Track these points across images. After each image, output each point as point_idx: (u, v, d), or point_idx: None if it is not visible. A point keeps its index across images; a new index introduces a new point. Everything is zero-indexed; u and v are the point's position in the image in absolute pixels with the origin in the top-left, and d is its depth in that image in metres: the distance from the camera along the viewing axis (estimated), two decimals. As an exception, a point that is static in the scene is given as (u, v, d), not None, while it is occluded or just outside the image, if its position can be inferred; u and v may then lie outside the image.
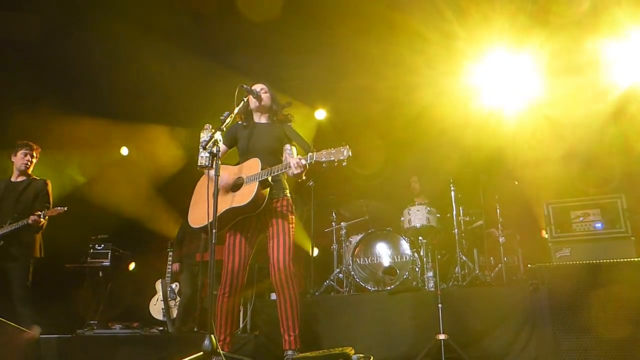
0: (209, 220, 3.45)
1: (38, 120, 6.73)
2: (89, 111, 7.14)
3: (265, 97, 4.10)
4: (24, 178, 5.22)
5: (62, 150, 7.20)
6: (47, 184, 5.25)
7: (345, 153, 3.48)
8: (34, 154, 5.25)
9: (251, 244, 3.98)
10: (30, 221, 4.86)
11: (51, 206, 5.15)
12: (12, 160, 5.25)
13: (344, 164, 3.49)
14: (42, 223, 4.96)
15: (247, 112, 4.13)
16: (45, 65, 6.57)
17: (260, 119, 4.16)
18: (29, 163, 5.20)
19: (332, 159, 3.51)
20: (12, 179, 5.21)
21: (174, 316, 6.77)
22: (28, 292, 4.94)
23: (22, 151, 5.19)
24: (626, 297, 3.86)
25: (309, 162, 3.60)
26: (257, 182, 3.74)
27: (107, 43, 6.22)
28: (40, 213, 4.87)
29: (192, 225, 4.00)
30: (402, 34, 5.98)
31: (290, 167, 3.66)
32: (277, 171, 3.74)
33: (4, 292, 4.90)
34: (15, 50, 6.27)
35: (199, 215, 3.97)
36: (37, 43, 6.20)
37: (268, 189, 3.84)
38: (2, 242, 4.90)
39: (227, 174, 3.93)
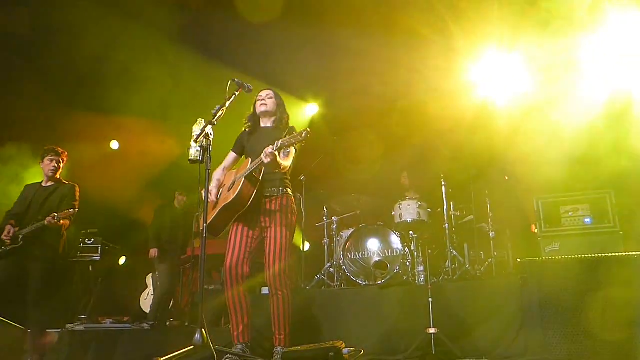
0: (204, 217, 3.56)
1: (26, 113, 6.68)
2: (79, 104, 7.09)
3: (270, 102, 4.18)
4: (53, 183, 5.29)
5: (51, 143, 7.14)
6: (74, 188, 5.31)
7: (304, 134, 3.57)
8: (60, 159, 5.31)
9: (254, 237, 4.02)
10: (45, 222, 4.90)
11: (77, 209, 5.21)
12: (41, 166, 5.32)
13: (303, 144, 3.66)
14: (60, 224, 5.02)
15: (254, 118, 4.25)
16: (34, 58, 6.51)
17: (266, 123, 4.24)
18: (55, 169, 5.26)
19: (293, 142, 3.62)
20: (43, 184, 5.29)
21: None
22: (42, 294, 4.95)
23: (48, 157, 5.26)
24: (614, 291, 3.89)
25: (275, 148, 3.66)
26: (243, 178, 3.81)
27: (98, 35, 6.17)
28: (55, 215, 4.91)
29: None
30: (396, 30, 5.99)
31: (261, 158, 3.71)
32: (254, 165, 3.80)
33: (23, 291, 4.92)
34: (4, 43, 6.20)
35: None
36: (27, 35, 6.14)
37: (256, 184, 3.89)
38: (21, 243, 4.93)
39: (230, 177, 4.10)
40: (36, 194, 5.20)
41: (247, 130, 4.28)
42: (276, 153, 3.68)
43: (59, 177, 5.33)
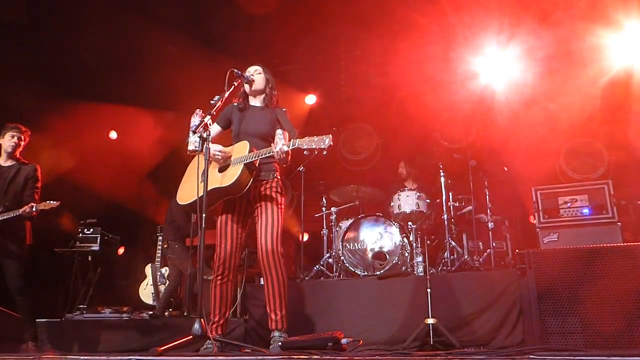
0: (198, 197, 3.52)
1: (25, 103, 6.64)
2: (78, 94, 7.07)
3: (258, 78, 4.09)
4: (13, 162, 5.11)
5: (50, 133, 7.14)
6: (36, 170, 5.15)
7: (326, 142, 3.50)
8: (23, 137, 5.11)
9: (243, 226, 4.01)
10: (20, 212, 4.80)
11: (40, 191, 5.10)
12: (0, 142, 5.12)
13: (325, 152, 3.53)
14: (34, 215, 4.92)
15: (243, 95, 4.13)
16: (33, 47, 6.48)
17: (254, 101, 4.16)
18: (16, 145, 5.07)
19: (312, 146, 3.54)
20: (1, 163, 5.10)
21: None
22: (26, 282, 4.92)
23: (9, 133, 5.07)
24: (612, 281, 3.92)
25: (290, 148, 3.62)
26: (242, 165, 3.77)
27: (97, 25, 6.15)
28: (33, 205, 4.81)
29: (178, 202, 4.03)
30: (394, 21, 5.98)
31: (273, 152, 3.68)
32: (261, 155, 3.77)
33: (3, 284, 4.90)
34: (2, 31, 6.17)
35: (185, 192, 4.02)
36: (25, 24, 6.11)
37: (254, 172, 3.87)
38: None
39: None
40: None
41: (236, 104, 4.13)
42: (289, 150, 3.65)
43: (18, 155, 5.13)
